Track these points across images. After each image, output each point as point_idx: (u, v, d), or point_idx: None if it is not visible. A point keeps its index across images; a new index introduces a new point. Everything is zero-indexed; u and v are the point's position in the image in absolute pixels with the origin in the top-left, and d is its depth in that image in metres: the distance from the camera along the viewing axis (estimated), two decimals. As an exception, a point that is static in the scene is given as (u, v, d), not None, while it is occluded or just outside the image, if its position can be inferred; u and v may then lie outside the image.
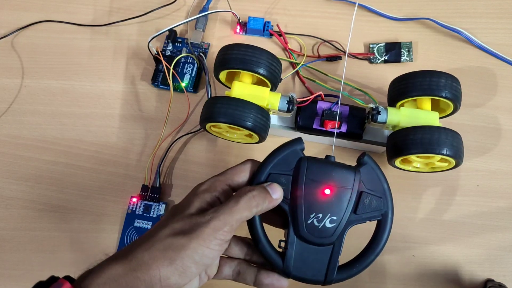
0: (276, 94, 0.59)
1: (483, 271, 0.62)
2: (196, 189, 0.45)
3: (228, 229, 0.41)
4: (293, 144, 0.46)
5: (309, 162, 0.45)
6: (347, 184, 0.44)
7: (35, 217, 0.64)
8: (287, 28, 0.73)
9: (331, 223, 0.44)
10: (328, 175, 0.44)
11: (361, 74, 0.70)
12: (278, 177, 0.45)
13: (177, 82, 0.68)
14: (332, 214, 0.44)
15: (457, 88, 0.57)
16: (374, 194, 0.45)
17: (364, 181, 0.45)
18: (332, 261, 0.45)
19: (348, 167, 0.45)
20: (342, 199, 0.44)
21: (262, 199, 0.42)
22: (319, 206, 0.44)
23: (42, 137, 0.68)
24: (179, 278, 0.39)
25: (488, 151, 0.67)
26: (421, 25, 0.73)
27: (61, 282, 0.39)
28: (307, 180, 0.44)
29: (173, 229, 0.41)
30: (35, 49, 0.72)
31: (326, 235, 0.44)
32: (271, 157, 0.46)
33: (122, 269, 0.39)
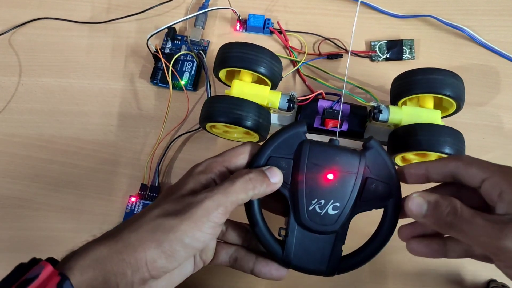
0: (277, 93, 0.58)
1: (486, 271, 0.61)
2: (192, 170, 0.44)
3: (222, 211, 0.39)
4: (295, 127, 0.44)
5: (311, 145, 0.43)
6: (351, 169, 0.42)
7: (31, 216, 0.64)
8: (287, 25, 0.72)
9: (334, 210, 0.42)
10: (332, 159, 0.43)
11: (362, 72, 0.70)
12: (278, 160, 0.43)
13: (176, 80, 0.68)
14: (335, 200, 0.42)
15: (459, 86, 0.57)
16: (380, 180, 0.43)
17: (369, 166, 0.43)
18: (335, 250, 0.43)
19: (353, 151, 0.43)
20: (346, 184, 0.42)
21: (260, 182, 0.41)
22: (321, 192, 0.42)
23: (39, 135, 0.67)
24: (166, 262, 0.38)
25: (490, 150, 0.66)
26: (423, 22, 0.72)
27: (42, 265, 0.37)
28: (309, 164, 0.43)
29: (163, 209, 0.40)
30: (33, 46, 0.72)
31: (329, 223, 0.42)
32: (272, 139, 0.44)
33: (107, 251, 0.38)
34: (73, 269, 0.36)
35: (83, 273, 0.36)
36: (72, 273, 0.36)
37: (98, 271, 0.37)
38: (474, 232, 0.37)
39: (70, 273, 0.36)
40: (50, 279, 0.36)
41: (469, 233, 0.37)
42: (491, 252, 0.37)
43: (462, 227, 0.37)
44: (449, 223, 0.38)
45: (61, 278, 0.35)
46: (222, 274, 0.62)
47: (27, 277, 0.36)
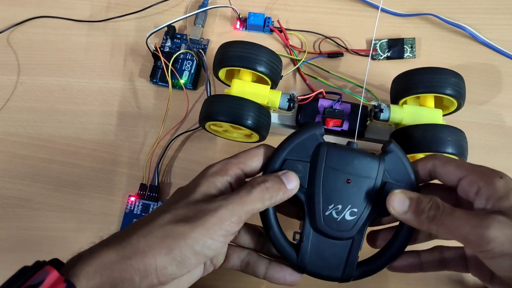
0: (277, 92, 0.58)
1: (487, 271, 0.61)
2: (206, 171, 0.43)
3: (236, 220, 0.38)
4: (312, 129, 0.44)
5: (329, 149, 0.42)
6: (370, 174, 0.42)
7: (31, 216, 0.64)
8: (288, 24, 0.72)
9: (351, 216, 0.42)
10: (350, 163, 0.42)
11: (363, 71, 0.70)
12: (294, 163, 0.42)
13: (176, 79, 0.68)
14: (353, 205, 0.42)
15: (461, 85, 0.57)
16: (400, 185, 0.42)
17: (388, 171, 0.42)
18: (351, 256, 0.43)
19: (372, 155, 0.43)
20: (365, 189, 0.42)
21: (276, 191, 0.40)
22: (338, 197, 0.42)
23: (38, 134, 0.67)
24: (177, 269, 0.37)
25: (492, 149, 0.66)
26: (425, 21, 0.72)
27: (47, 270, 0.36)
28: (327, 168, 0.42)
29: (175, 215, 0.39)
30: (31, 45, 0.72)
31: (346, 229, 0.42)
32: (288, 141, 0.43)
33: (115, 256, 0.37)
34: (79, 276, 0.36)
35: (90, 280, 0.36)
36: (78, 280, 0.35)
37: (105, 278, 0.36)
38: (457, 224, 0.37)
39: (76, 280, 0.35)
40: (55, 286, 0.35)
41: (451, 226, 0.38)
42: (474, 244, 0.37)
43: (445, 221, 0.38)
44: (431, 217, 0.38)
45: (67, 285, 0.35)
46: (224, 274, 0.62)
47: (31, 283, 0.35)
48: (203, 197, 0.40)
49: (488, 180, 0.39)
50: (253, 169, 0.44)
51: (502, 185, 0.39)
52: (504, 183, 0.39)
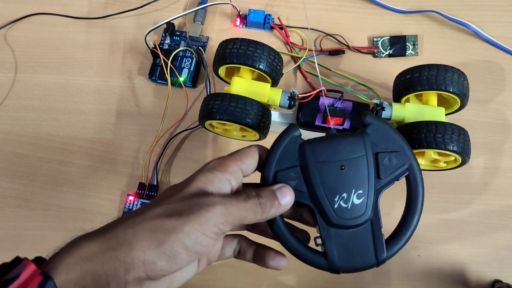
0: (277, 90, 0.58)
1: (491, 271, 0.61)
2: (203, 168, 0.42)
3: (230, 221, 0.38)
4: (287, 133, 0.44)
5: (312, 145, 0.43)
6: (359, 152, 0.42)
7: (28, 216, 0.64)
8: (288, 21, 0.72)
9: (359, 198, 0.42)
10: (336, 150, 0.42)
11: (364, 68, 0.69)
12: (286, 173, 0.43)
13: (175, 76, 0.68)
14: (356, 188, 0.42)
15: (464, 83, 0.57)
16: (391, 151, 0.43)
17: (375, 142, 0.43)
18: (377, 237, 0.42)
19: (354, 134, 0.43)
20: (360, 168, 0.42)
21: (269, 207, 0.40)
22: (340, 186, 0.42)
23: (36, 133, 0.67)
24: (167, 264, 0.36)
25: (496, 148, 0.66)
26: (427, 18, 0.72)
27: (24, 264, 0.35)
28: (317, 164, 0.42)
29: (166, 208, 0.38)
30: (29, 42, 0.72)
31: (359, 213, 0.42)
32: (271, 155, 0.43)
33: (98, 247, 0.36)
34: (58, 268, 0.35)
35: (69, 271, 0.35)
36: (56, 272, 0.34)
37: (86, 269, 0.35)
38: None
39: (54, 272, 0.34)
40: (31, 279, 0.34)
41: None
42: None
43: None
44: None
45: (44, 278, 0.34)
46: (223, 273, 0.62)
47: (8, 277, 0.34)
48: (198, 191, 0.39)
49: None
50: (250, 167, 0.43)
51: None
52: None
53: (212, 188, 0.40)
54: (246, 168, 0.43)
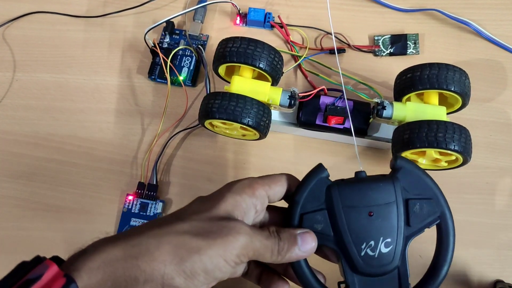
0: (277, 89, 0.58)
1: (492, 272, 0.61)
2: (232, 186, 0.41)
3: (250, 254, 0.38)
4: (315, 174, 0.42)
5: (339, 188, 0.41)
6: (389, 198, 0.40)
7: (27, 216, 0.64)
8: (288, 19, 0.72)
9: (387, 247, 0.40)
10: (365, 195, 0.41)
11: (365, 67, 0.69)
12: (312, 216, 0.41)
13: (174, 75, 0.68)
14: (385, 236, 0.40)
15: (465, 82, 0.57)
16: (422, 197, 0.41)
17: (406, 187, 0.41)
18: (403, 286, 0.41)
19: (384, 179, 0.41)
20: (390, 216, 0.40)
21: (286, 251, 0.39)
22: (367, 233, 0.40)
23: (35, 133, 0.67)
24: (184, 283, 0.36)
25: (498, 147, 0.66)
26: (428, 16, 0.72)
27: (47, 264, 0.35)
28: (345, 209, 0.41)
29: (193, 226, 0.38)
30: (27, 41, 0.72)
31: (386, 262, 0.40)
32: (296, 196, 0.42)
33: (121, 253, 0.36)
34: (80, 271, 0.35)
35: (92, 276, 0.35)
36: (79, 275, 0.35)
37: (108, 274, 0.35)
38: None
39: (77, 275, 0.34)
40: (54, 280, 0.34)
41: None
42: None
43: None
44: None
45: (67, 280, 0.34)
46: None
47: (30, 277, 0.34)
48: (226, 214, 0.39)
49: None
50: (277, 195, 0.43)
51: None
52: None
53: (238, 213, 0.40)
54: (273, 195, 0.42)
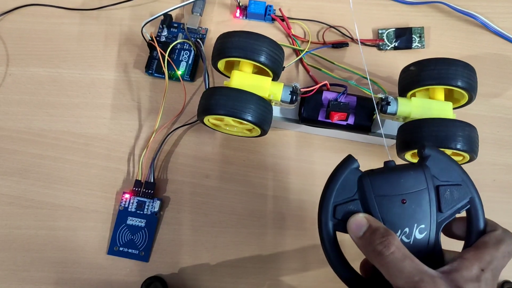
0: (279, 84, 0.58)
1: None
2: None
3: None
4: (347, 164, 0.43)
5: (371, 178, 0.42)
6: (420, 185, 0.42)
7: (20, 214, 0.63)
8: (290, 12, 0.72)
9: (421, 233, 0.41)
10: (397, 183, 0.42)
11: (369, 61, 0.69)
12: (345, 207, 0.42)
13: (172, 70, 0.67)
14: (419, 223, 0.41)
15: (472, 77, 0.56)
16: (452, 183, 0.42)
17: (435, 175, 0.42)
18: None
19: (414, 167, 0.43)
20: (422, 203, 0.41)
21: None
22: (401, 221, 0.41)
23: (28, 128, 0.67)
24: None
25: (505, 143, 0.66)
26: (434, 9, 0.72)
27: None
28: (377, 198, 0.42)
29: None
30: (21, 34, 0.71)
31: (421, 248, 0.41)
32: (329, 187, 0.43)
33: None
34: None
35: None
36: None
37: None
38: (396, 272, 0.38)
39: None
40: None
41: (390, 271, 0.39)
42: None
43: (387, 262, 0.39)
44: (377, 252, 0.39)
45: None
46: (223, 274, 0.62)
47: None
48: None
49: (479, 254, 0.40)
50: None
51: (479, 265, 0.39)
52: (482, 265, 0.40)
53: None
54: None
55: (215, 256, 0.62)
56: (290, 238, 0.63)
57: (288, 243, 0.63)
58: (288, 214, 0.63)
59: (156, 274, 0.61)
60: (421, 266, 0.39)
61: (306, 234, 0.63)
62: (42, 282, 0.61)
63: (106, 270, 0.62)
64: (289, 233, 0.63)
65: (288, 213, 0.63)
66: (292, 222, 0.63)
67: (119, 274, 0.62)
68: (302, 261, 0.62)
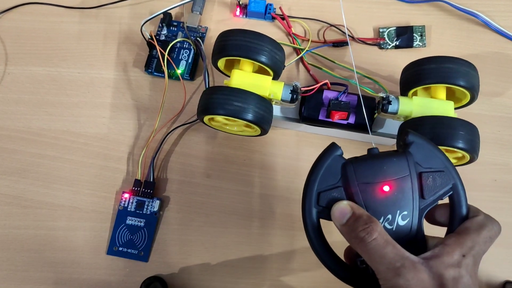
0: (279, 83, 0.58)
1: (501, 272, 0.61)
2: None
3: None
4: (330, 151, 0.44)
5: (354, 165, 0.43)
6: (403, 172, 0.42)
7: (19, 214, 0.63)
8: (290, 11, 0.72)
9: (404, 220, 0.42)
10: (380, 170, 0.42)
11: (370, 60, 0.69)
12: (328, 194, 0.43)
13: (172, 69, 0.67)
14: (401, 209, 0.42)
15: (474, 76, 0.56)
16: (434, 170, 0.43)
17: (418, 161, 0.43)
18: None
19: (397, 154, 0.43)
20: (404, 189, 0.42)
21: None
22: (384, 207, 0.42)
23: (27, 128, 0.67)
24: None
25: (506, 143, 0.66)
26: (435, 7, 0.72)
27: None
28: (360, 185, 0.42)
29: None
30: (20, 33, 0.71)
31: (404, 234, 0.42)
32: (313, 174, 0.43)
33: None
34: None
35: None
36: None
37: None
38: (378, 258, 0.39)
39: None
40: None
41: (372, 257, 0.39)
42: (382, 282, 0.39)
43: (369, 249, 0.39)
44: (360, 239, 0.40)
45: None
46: (223, 273, 0.62)
47: None
48: None
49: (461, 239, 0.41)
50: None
51: (460, 251, 0.40)
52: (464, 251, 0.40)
53: None
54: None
55: (215, 256, 0.62)
56: (290, 238, 0.63)
57: (288, 243, 0.62)
58: (288, 214, 0.63)
59: (155, 274, 0.61)
60: (403, 252, 0.39)
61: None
62: (41, 282, 0.61)
63: (106, 270, 0.62)
64: (289, 233, 0.63)
65: (288, 213, 0.63)
66: (292, 222, 0.63)
67: (118, 274, 0.62)
68: (302, 261, 0.62)
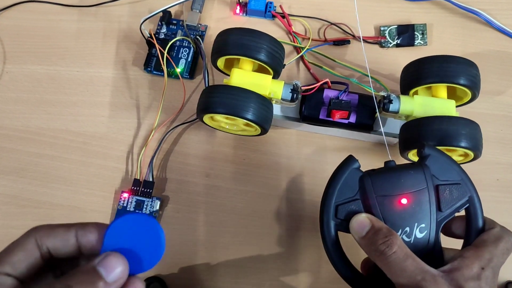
0: (279, 82, 0.58)
1: (503, 272, 0.60)
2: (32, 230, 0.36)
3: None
4: (348, 165, 0.44)
5: (372, 178, 0.43)
6: (420, 185, 0.43)
7: (17, 214, 0.63)
8: (291, 9, 0.71)
9: (422, 232, 0.42)
10: (397, 183, 0.43)
11: (371, 59, 0.69)
12: (346, 207, 0.43)
13: (171, 67, 0.67)
14: (419, 222, 0.42)
15: (475, 74, 0.56)
16: (451, 183, 0.43)
17: (435, 174, 0.43)
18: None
19: (414, 167, 0.44)
20: (422, 202, 0.43)
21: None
22: (402, 220, 0.42)
23: (26, 127, 0.67)
24: None
25: (509, 142, 0.66)
26: (436, 6, 0.72)
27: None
28: (378, 198, 0.43)
29: None
30: (18, 31, 0.71)
31: (421, 247, 0.42)
32: (330, 187, 0.44)
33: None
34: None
35: None
36: None
37: None
38: (398, 271, 0.39)
39: None
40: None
41: (392, 270, 0.40)
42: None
43: (389, 262, 0.40)
44: (380, 252, 0.40)
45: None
46: (223, 273, 0.61)
47: None
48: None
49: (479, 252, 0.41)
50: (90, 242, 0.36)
51: (479, 264, 0.40)
52: (482, 263, 0.40)
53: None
54: (86, 241, 0.36)
55: (215, 256, 0.62)
56: (291, 238, 0.62)
57: (288, 243, 0.62)
58: (289, 213, 0.63)
59: (155, 274, 0.61)
60: (423, 265, 0.39)
61: (306, 234, 0.62)
62: (39, 282, 0.61)
63: (105, 270, 0.62)
64: (289, 233, 0.63)
65: (289, 212, 0.63)
66: (292, 221, 0.63)
67: (117, 274, 0.62)
68: (302, 261, 0.62)
